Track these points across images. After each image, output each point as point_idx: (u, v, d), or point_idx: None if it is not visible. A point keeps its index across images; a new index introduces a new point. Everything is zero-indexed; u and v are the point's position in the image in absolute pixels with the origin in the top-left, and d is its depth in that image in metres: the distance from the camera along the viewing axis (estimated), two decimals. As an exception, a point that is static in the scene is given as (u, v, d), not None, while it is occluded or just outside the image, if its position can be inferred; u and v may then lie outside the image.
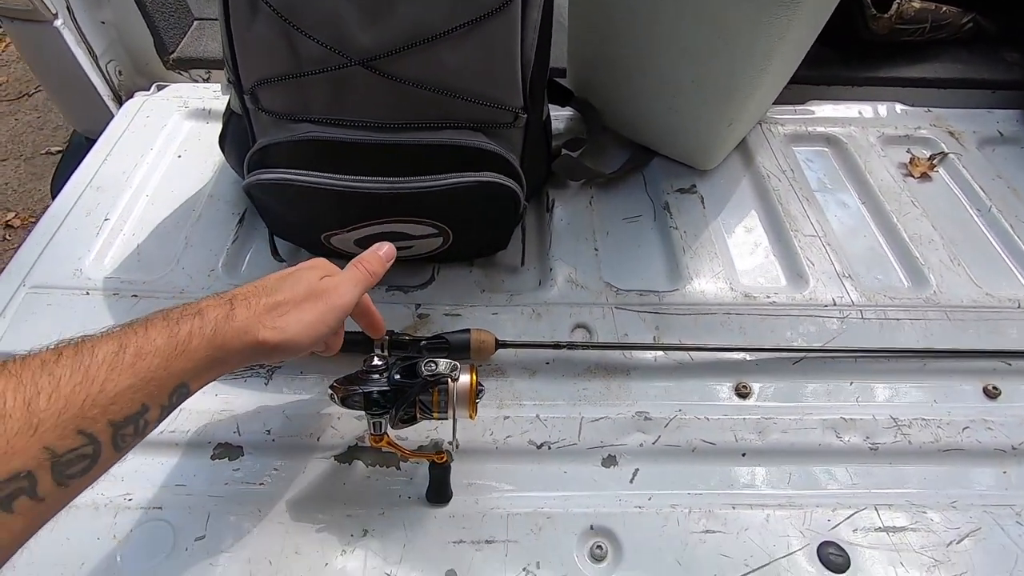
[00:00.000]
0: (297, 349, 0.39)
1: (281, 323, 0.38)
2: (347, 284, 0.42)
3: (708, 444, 0.54)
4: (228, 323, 0.36)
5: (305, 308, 0.39)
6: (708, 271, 0.66)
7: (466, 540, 0.48)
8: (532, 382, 0.58)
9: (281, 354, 0.38)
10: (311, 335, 0.39)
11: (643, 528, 0.49)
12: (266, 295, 0.38)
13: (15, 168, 2.07)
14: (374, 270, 0.45)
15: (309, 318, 0.39)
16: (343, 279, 0.43)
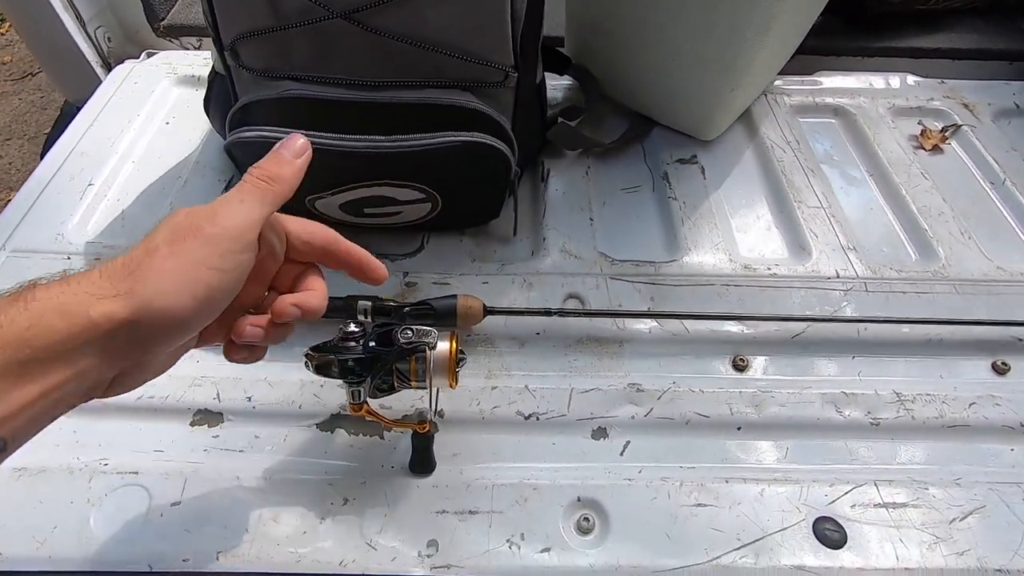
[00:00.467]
0: (171, 318, 0.28)
1: (128, 283, 0.27)
2: (231, 203, 0.31)
3: (702, 417, 0.52)
4: (35, 304, 0.26)
5: (170, 252, 0.28)
6: (707, 242, 0.64)
7: (449, 510, 0.47)
8: (521, 352, 0.56)
9: (147, 334, 0.27)
10: (188, 289, 0.28)
11: (632, 501, 0.47)
12: (120, 259, 0.28)
13: (18, 148, 2.07)
14: (273, 173, 0.33)
15: (174, 264, 0.28)
16: (225, 197, 0.32)
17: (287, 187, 0.33)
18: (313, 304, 0.36)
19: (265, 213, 0.32)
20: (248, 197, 0.32)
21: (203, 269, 0.28)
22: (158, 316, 0.27)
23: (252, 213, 0.31)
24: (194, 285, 0.28)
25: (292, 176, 0.34)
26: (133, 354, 0.29)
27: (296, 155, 0.34)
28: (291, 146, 0.35)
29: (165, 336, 0.29)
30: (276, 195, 0.33)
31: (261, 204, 0.32)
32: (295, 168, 0.34)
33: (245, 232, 0.30)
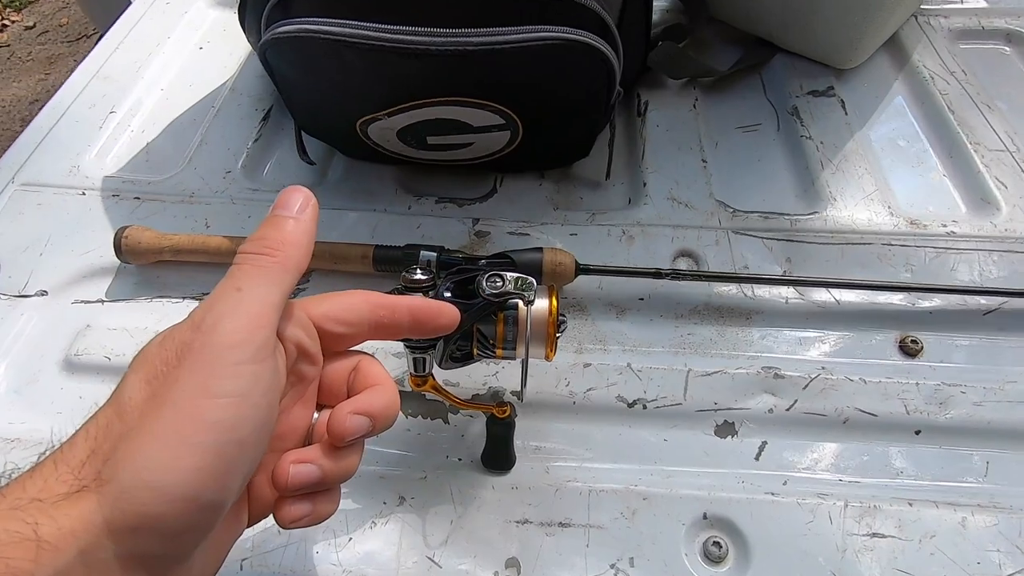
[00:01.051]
0: (173, 500, 0.19)
1: (94, 465, 0.19)
2: (223, 296, 0.22)
3: (866, 415, 0.39)
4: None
5: (149, 397, 0.20)
6: (856, 191, 0.50)
7: (533, 520, 0.36)
8: (621, 322, 0.44)
9: (146, 537, 0.19)
10: (186, 447, 0.19)
11: (778, 523, 0.35)
12: (80, 431, 0.20)
13: (72, 108, 2.06)
14: (274, 239, 0.23)
15: (158, 414, 0.19)
16: (213, 293, 0.22)
17: (298, 253, 0.24)
18: (381, 404, 0.26)
19: (276, 296, 0.22)
20: (247, 281, 0.22)
21: (203, 403, 0.19)
22: (151, 505, 0.18)
23: (257, 300, 0.22)
24: (195, 434, 0.19)
25: (301, 237, 0.24)
26: (136, 571, 0.19)
27: (300, 210, 0.25)
28: (288, 202, 0.25)
29: (176, 531, 0.19)
30: (284, 268, 0.23)
31: (267, 285, 0.22)
32: (303, 226, 0.24)
33: (254, 331, 0.21)
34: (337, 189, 0.51)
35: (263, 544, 0.34)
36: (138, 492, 0.18)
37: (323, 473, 0.25)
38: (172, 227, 0.46)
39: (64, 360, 0.41)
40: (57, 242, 0.47)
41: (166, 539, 0.19)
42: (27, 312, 0.44)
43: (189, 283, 0.45)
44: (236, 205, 0.49)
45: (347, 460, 0.26)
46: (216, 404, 0.20)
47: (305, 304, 0.26)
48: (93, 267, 0.46)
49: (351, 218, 0.49)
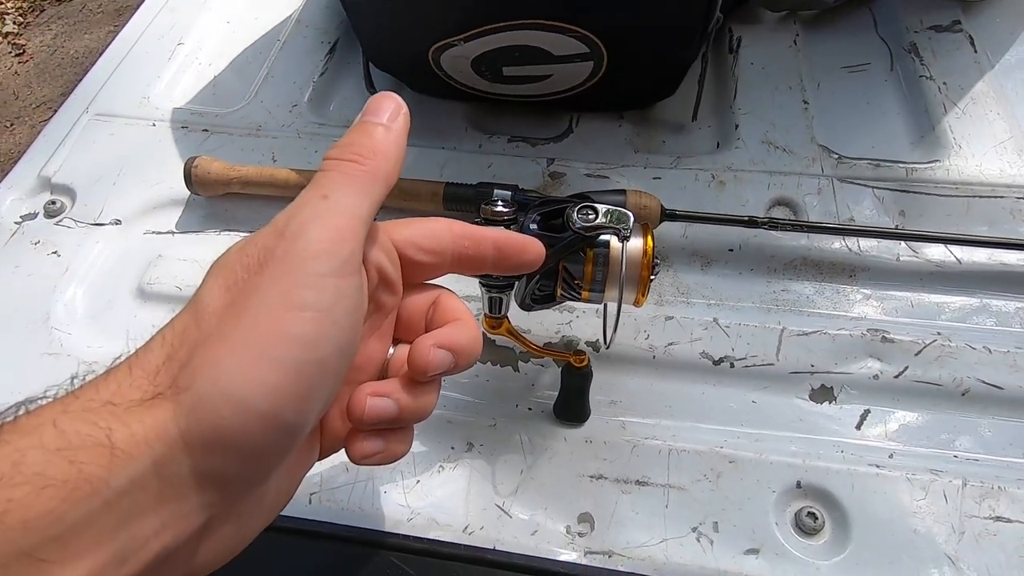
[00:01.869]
0: (251, 414, 0.17)
1: (170, 373, 0.17)
2: (309, 202, 0.20)
3: (990, 387, 0.35)
4: (16, 451, 0.15)
5: (228, 305, 0.18)
6: (986, 138, 0.44)
7: (608, 476, 0.34)
8: (707, 274, 0.41)
9: (222, 453, 0.17)
10: (267, 358, 0.17)
11: (884, 497, 0.32)
12: (158, 336, 0.19)
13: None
14: (363, 146, 0.21)
15: (236, 323, 0.18)
16: (300, 197, 0.20)
17: (388, 164, 0.22)
18: (464, 339, 0.24)
19: (364, 208, 0.20)
20: (335, 189, 0.20)
21: (285, 316, 0.18)
22: (229, 418, 0.17)
23: (346, 211, 0.20)
24: (275, 347, 0.18)
25: (391, 146, 0.22)
26: (211, 491, 0.18)
27: (391, 118, 0.23)
28: (380, 108, 0.23)
29: (253, 450, 0.18)
30: (374, 178, 0.21)
31: (356, 195, 0.20)
32: (394, 135, 0.22)
33: (340, 242, 0.19)
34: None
35: (331, 480, 0.34)
36: (215, 402, 0.17)
37: (400, 408, 0.23)
38: (239, 160, 0.45)
39: (137, 288, 0.42)
40: (129, 172, 0.47)
41: (242, 458, 0.18)
42: (102, 241, 0.44)
43: (257, 217, 0.45)
44: (302, 139, 0.48)
45: (425, 397, 0.24)
46: (298, 317, 0.18)
47: (388, 228, 0.24)
48: (163, 198, 0.46)
49: (419, 155, 0.46)
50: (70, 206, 0.45)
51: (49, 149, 0.48)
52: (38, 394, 0.18)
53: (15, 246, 0.43)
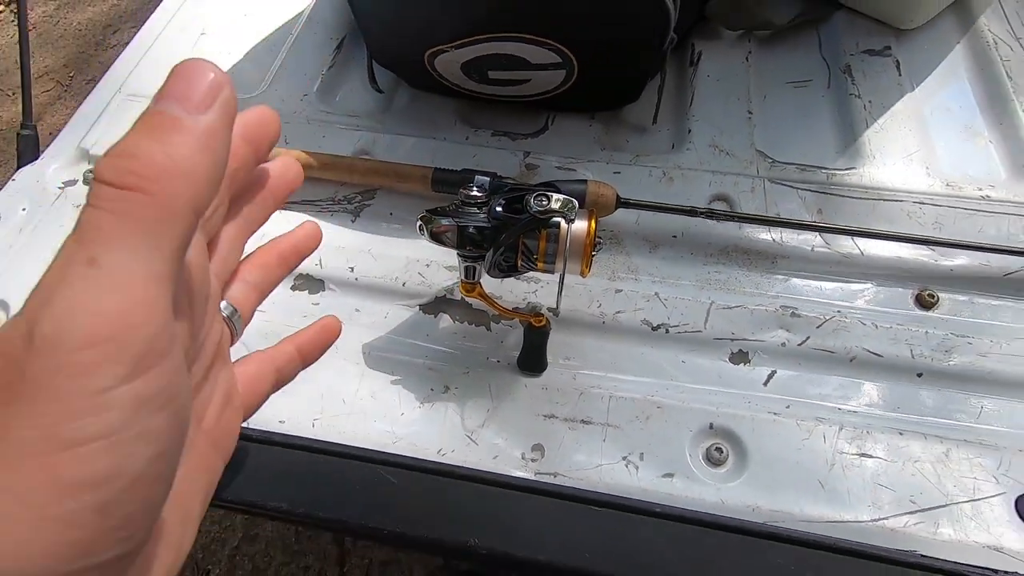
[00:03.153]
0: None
1: None
2: (72, 276, 0.14)
3: (873, 355, 0.42)
4: None
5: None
6: (898, 150, 0.52)
7: (558, 416, 0.41)
8: (653, 256, 0.48)
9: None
10: (49, 542, 0.13)
11: (776, 438, 0.39)
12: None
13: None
14: (148, 162, 0.15)
15: (8, 498, 0.13)
16: (59, 263, 0.14)
17: (184, 184, 0.15)
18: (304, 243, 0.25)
19: (161, 264, 0.15)
20: (107, 248, 0.14)
21: (57, 461, 0.13)
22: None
23: (127, 282, 0.14)
24: (54, 504, 0.13)
25: (195, 153, 0.15)
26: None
27: (198, 105, 0.16)
28: (184, 88, 0.16)
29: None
30: (168, 212, 0.15)
31: (141, 248, 0.14)
32: (201, 134, 0.16)
33: (123, 332, 0.14)
34: (402, 116, 0.56)
35: (331, 409, 0.41)
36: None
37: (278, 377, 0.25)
38: (256, 141, 0.52)
39: (166, 249, 0.48)
40: (158, 148, 0.53)
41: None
42: (134, 206, 0.50)
43: (269, 192, 0.51)
44: (312, 125, 0.54)
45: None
46: (76, 456, 0.13)
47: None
48: (188, 172, 0.52)
49: (413, 143, 0.53)
50: (106, 175, 0.52)
51: (86, 124, 0.54)
52: None
53: (59, 208, 0.50)
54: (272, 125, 0.21)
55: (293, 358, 0.26)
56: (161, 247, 0.15)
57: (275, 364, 0.25)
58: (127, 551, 0.15)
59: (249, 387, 0.24)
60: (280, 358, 0.25)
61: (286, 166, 0.24)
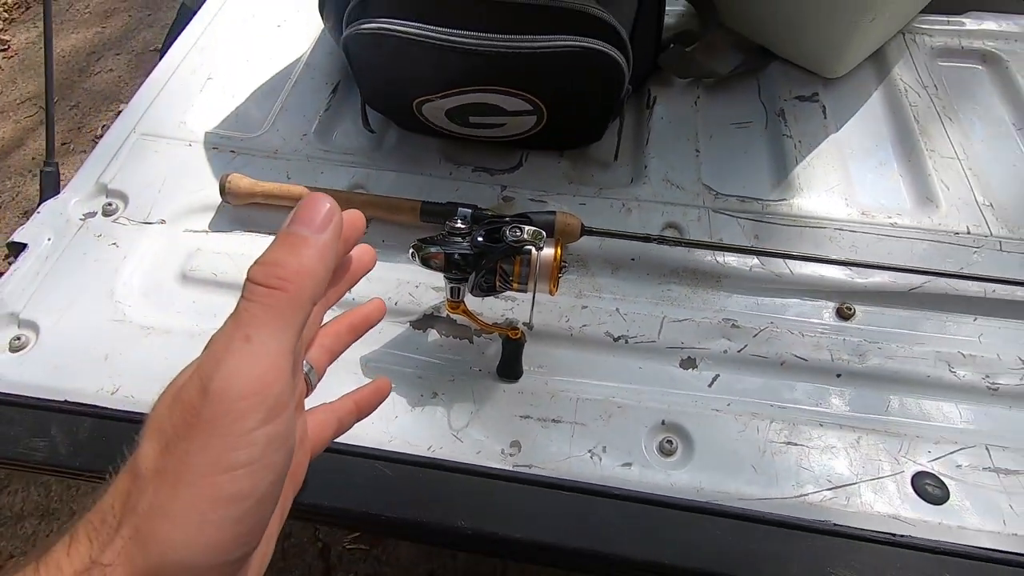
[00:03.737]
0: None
1: (118, 545, 0.19)
2: (233, 348, 0.20)
3: (799, 359, 0.50)
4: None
5: (164, 472, 0.19)
6: (821, 184, 0.60)
7: (533, 416, 0.47)
8: (615, 276, 0.55)
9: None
10: (204, 528, 0.19)
11: (718, 431, 0.46)
12: (101, 502, 0.20)
13: (127, 62, 2.19)
14: (288, 267, 0.21)
15: (171, 492, 0.19)
16: (222, 335, 0.21)
17: (314, 282, 0.21)
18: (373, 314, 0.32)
19: (288, 342, 0.21)
20: (257, 329, 0.20)
21: (218, 480, 0.19)
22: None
23: (270, 352, 0.20)
24: (214, 511, 0.19)
25: (317, 264, 0.22)
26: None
27: (320, 227, 0.22)
28: (309, 215, 0.22)
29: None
30: (299, 304, 0.21)
31: (279, 330, 0.20)
32: (320, 248, 0.22)
33: (263, 389, 0.20)
34: (391, 154, 0.62)
35: (334, 413, 0.46)
36: (168, 571, 0.18)
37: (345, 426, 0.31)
38: (260, 177, 0.58)
39: (180, 273, 0.54)
40: (171, 182, 0.59)
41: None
42: (151, 236, 0.56)
43: (272, 222, 0.57)
44: (311, 162, 0.61)
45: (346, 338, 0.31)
46: (231, 478, 0.19)
47: None
48: (199, 204, 0.58)
49: (401, 179, 0.60)
50: (123, 208, 0.57)
51: (104, 161, 0.60)
52: None
53: (81, 238, 0.55)
54: (359, 226, 0.27)
55: (352, 411, 0.31)
56: (290, 328, 0.21)
57: (337, 415, 0.30)
58: (246, 554, 0.20)
59: (316, 432, 0.28)
60: (341, 410, 0.31)
61: (364, 252, 0.29)
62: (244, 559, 0.21)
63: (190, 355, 0.20)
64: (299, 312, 0.21)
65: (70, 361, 0.48)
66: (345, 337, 0.31)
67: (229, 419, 0.19)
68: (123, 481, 0.20)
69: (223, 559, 0.19)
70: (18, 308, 0.50)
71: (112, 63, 2.21)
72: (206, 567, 0.19)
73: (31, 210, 1.90)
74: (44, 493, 1.24)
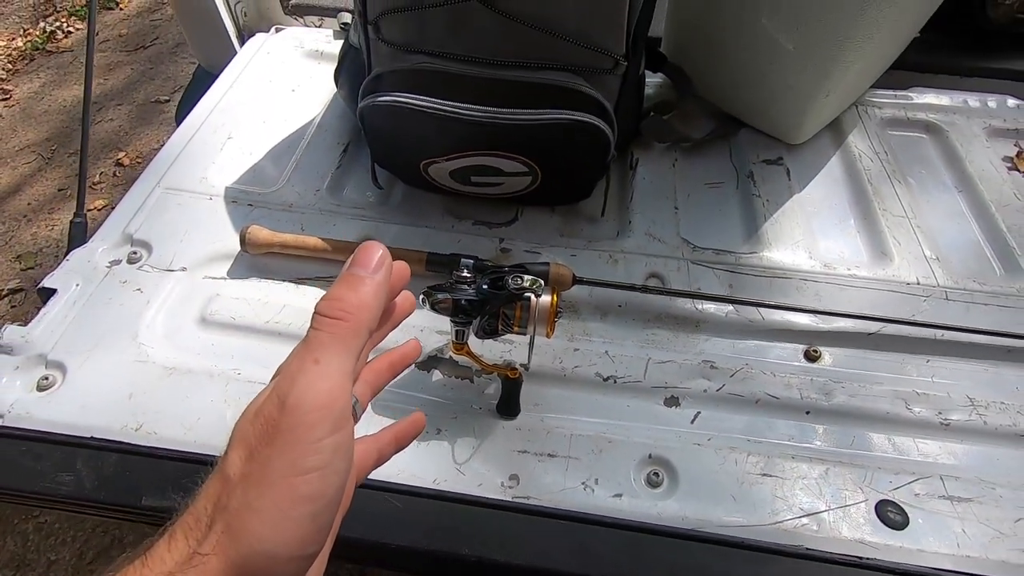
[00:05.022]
0: (282, 567, 0.23)
1: (212, 540, 0.22)
2: (304, 370, 0.24)
3: (772, 398, 0.55)
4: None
5: (249, 476, 0.22)
6: (788, 239, 0.67)
7: (530, 451, 0.51)
8: (603, 322, 0.60)
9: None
10: (287, 523, 0.22)
11: (701, 463, 0.50)
12: (195, 503, 0.23)
13: (128, 112, 2.26)
14: (349, 302, 0.25)
15: (258, 492, 0.22)
16: (295, 359, 0.24)
17: (370, 314, 0.26)
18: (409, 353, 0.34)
19: (349, 363, 0.25)
20: (324, 353, 0.24)
21: (295, 481, 0.22)
22: (268, 570, 0.22)
23: (335, 372, 0.24)
24: (293, 508, 0.22)
25: (373, 298, 0.26)
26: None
27: (375, 269, 0.26)
28: (366, 259, 0.26)
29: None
30: (357, 332, 0.25)
31: (342, 353, 0.24)
32: (375, 286, 0.26)
33: (333, 403, 0.23)
34: (398, 209, 0.68)
35: (345, 448, 0.50)
36: (257, 561, 0.21)
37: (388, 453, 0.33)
38: (277, 228, 0.63)
39: (200, 317, 0.58)
40: (192, 233, 0.64)
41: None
42: (172, 282, 0.60)
43: (287, 270, 0.62)
44: (323, 215, 0.66)
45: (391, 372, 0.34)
46: (306, 480, 0.22)
47: None
48: (219, 253, 0.62)
49: (407, 231, 0.65)
50: (147, 256, 0.61)
51: (130, 213, 0.64)
52: None
53: (107, 284, 0.59)
54: (405, 275, 0.30)
55: (391, 442, 0.34)
56: (351, 352, 0.25)
57: (378, 446, 0.33)
58: (315, 552, 0.23)
59: (359, 461, 0.31)
60: (382, 441, 0.33)
61: (405, 299, 0.33)
62: (314, 557, 0.24)
63: (209, 393, 0.23)
64: (358, 339, 0.25)
65: (95, 400, 0.51)
66: (385, 374, 0.34)
67: (303, 429, 0.22)
68: (213, 486, 0.23)
69: (300, 552, 0.23)
70: (46, 350, 0.54)
71: (113, 113, 2.27)
72: (286, 558, 0.22)
73: (23, 254, 1.91)
74: (21, 543, 1.21)
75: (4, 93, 2.44)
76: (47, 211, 1.91)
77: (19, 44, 2.59)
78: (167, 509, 0.24)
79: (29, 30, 2.65)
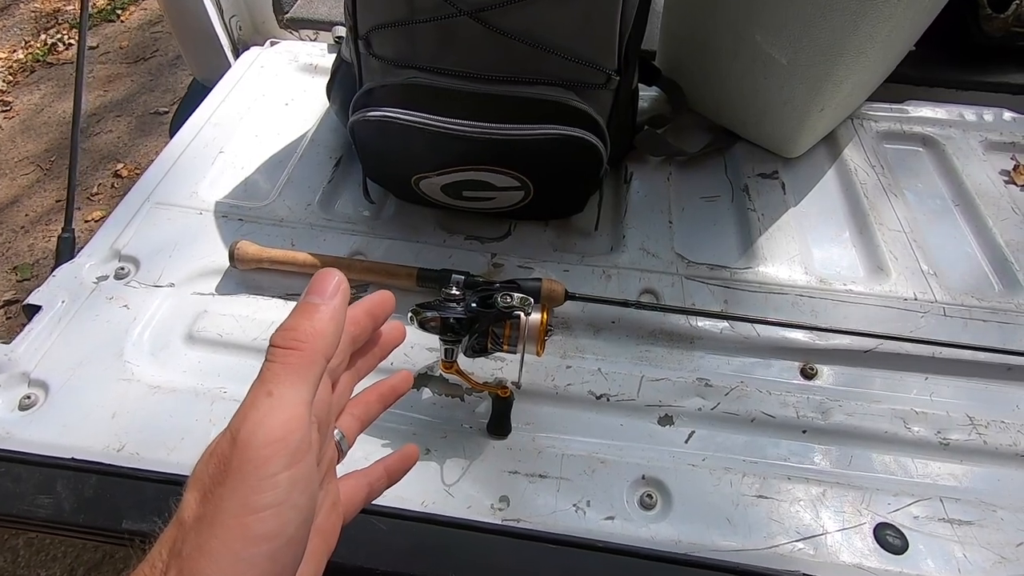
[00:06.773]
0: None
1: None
2: (256, 404, 0.23)
3: (768, 416, 0.54)
4: None
5: (202, 518, 0.21)
6: (783, 254, 0.66)
7: (521, 472, 0.50)
8: (596, 338, 0.59)
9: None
10: (238, 566, 0.21)
11: (695, 484, 0.49)
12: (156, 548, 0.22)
13: (127, 124, 2.26)
14: (303, 330, 0.25)
15: (209, 535, 0.21)
16: (249, 395, 0.23)
17: (326, 341, 0.25)
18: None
19: (305, 393, 0.23)
20: (278, 385, 0.23)
21: (247, 520, 0.21)
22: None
23: (289, 404, 0.23)
24: (246, 549, 0.21)
25: (328, 324, 0.25)
26: None
27: (330, 295, 0.26)
28: (321, 287, 0.26)
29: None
30: (312, 360, 0.24)
31: (297, 383, 0.23)
32: (331, 311, 0.25)
33: (286, 437, 0.22)
34: (390, 223, 0.67)
35: (331, 469, 0.49)
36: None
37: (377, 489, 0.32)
38: (267, 243, 0.62)
39: (187, 334, 0.57)
40: (181, 248, 0.63)
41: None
42: (160, 298, 0.59)
43: (277, 286, 0.61)
44: (314, 230, 0.65)
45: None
46: (259, 519, 0.21)
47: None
48: (207, 268, 0.62)
49: (398, 246, 0.65)
50: (135, 272, 0.61)
51: (119, 228, 0.64)
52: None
53: (94, 300, 0.58)
54: (389, 305, 0.30)
55: (382, 476, 0.32)
56: (307, 382, 0.24)
57: (368, 480, 0.32)
58: (293, 565, 0.22)
59: (348, 497, 0.30)
60: (372, 475, 0.32)
61: (393, 328, 0.32)
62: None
63: (194, 413, 0.22)
64: (313, 368, 0.24)
65: (78, 419, 0.50)
66: (374, 407, 0.33)
67: (254, 465, 0.21)
68: (169, 532, 0.22)
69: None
70: (29, 368, 0.53)
71: (112, 124, 2.28)
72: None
73: (20, 265, 1.90)
74: (11, 559, 1.20)
75: (4, 105, 2.45)
76: (45, 223, 1.91)
77: (20, 56, 2.60)
78: (147, 533, 0.23)
79: (30, 42, 2.66)
